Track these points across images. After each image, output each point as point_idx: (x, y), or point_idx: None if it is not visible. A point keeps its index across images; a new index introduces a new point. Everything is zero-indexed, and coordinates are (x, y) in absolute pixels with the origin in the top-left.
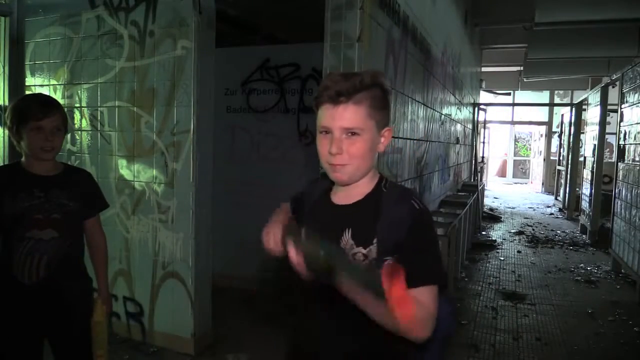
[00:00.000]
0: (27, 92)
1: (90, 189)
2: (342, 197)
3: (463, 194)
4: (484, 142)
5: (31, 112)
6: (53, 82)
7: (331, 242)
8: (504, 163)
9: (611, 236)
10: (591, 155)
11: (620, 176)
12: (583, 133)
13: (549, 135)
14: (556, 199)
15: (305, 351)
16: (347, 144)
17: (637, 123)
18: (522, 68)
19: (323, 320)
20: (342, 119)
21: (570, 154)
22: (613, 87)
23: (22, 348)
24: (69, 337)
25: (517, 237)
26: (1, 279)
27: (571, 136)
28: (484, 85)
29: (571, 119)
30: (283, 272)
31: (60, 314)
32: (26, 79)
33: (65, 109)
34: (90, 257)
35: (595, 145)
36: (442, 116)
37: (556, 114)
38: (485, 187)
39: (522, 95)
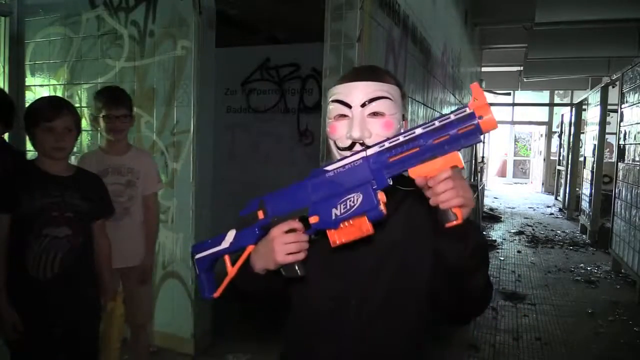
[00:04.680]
0: (27, 92)
1: (100, 193)
2: None
3: None
4: (484, 142)
5: (42, 113)
6: (53, 82)
7: None
8: (504, 163)
9: (611, 236)
10: (591, 155)
11: (620, 176)
12: (583, 133)
13: (549, 135)
14: (556, 199)
15: None
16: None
17: (637, 123)
18: (522, 68)
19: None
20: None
21: (570, 154)
22: (613, 87)
23: (36, 342)
24: (78, 332)
25: (517, 237)
26: (14, 274)
27: (571, 136)
28: (484, 85)
29: (571, 119)
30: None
31: (70, 310)
32: (26, 79)
33: None
34: (95, 259)
35: (595, 145)
36: None
37: (556, 114)
38: (485, 187)
39: (522, 95)
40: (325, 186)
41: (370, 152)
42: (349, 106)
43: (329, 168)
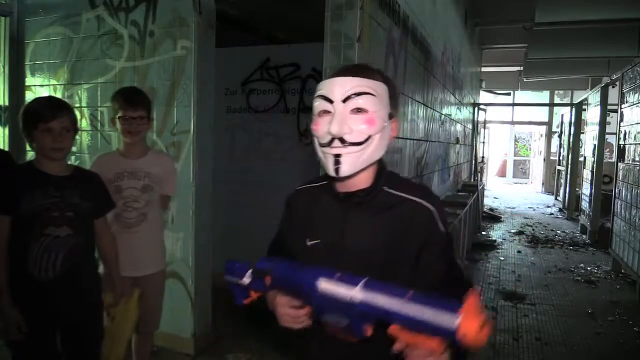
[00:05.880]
0: (27, 92)
1: (99, 190)
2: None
3: (463, 194)
4: (484, 142)
5: (40, 114)
6: (53, 82)
7: None
8: (504, 163)
9: (611, 236)
10: (591, 155)
11: (620, 176)
12: (583, 133)
13: (549, 135)
14: (556, 199)
15: None
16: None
17: (637, 123)
18: (522, 68)
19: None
20: None
21: (570, 154)
22: (613, 87)
23: (38, 342)
24: (80, 332)
25: (517, 237)
26: (16, 275)
27: (571, 136)
28: (484, 85)
29: (571, 119)
30: None
31: (72, 310)
32: (26, 79)
33: None
34: (100, 255)
35: (595, 145)
36: (442, 116)
37: (556, 114)
38: (485, 187)
39: (522, 95)
40: (317, 294)
41: (357, 296)
42: (331, 101)
43: (321, 284)
